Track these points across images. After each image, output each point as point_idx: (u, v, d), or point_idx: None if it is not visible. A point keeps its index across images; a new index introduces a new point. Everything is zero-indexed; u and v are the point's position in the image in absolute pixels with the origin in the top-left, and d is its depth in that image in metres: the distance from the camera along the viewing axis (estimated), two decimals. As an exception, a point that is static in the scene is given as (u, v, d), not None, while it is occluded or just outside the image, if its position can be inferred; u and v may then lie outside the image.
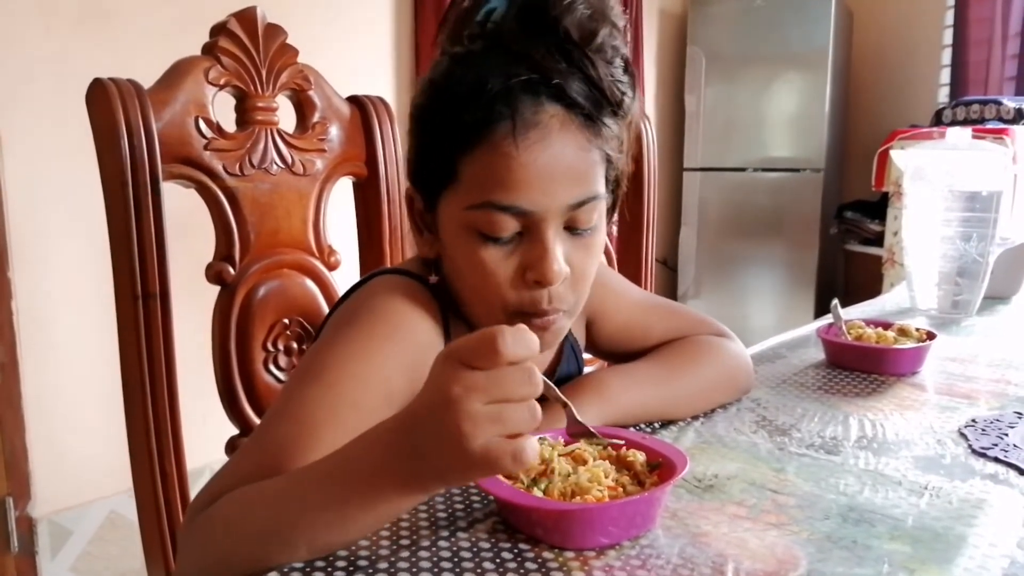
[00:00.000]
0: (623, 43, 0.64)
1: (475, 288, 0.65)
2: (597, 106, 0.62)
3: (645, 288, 1.46)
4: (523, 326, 0.45)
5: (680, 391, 0.80)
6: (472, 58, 0.62)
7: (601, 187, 0.64)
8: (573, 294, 0.66)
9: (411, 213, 0.70)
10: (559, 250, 0.62)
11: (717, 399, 0.84)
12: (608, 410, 0.74)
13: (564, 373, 0.81)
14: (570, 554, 0.53)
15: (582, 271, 0.65)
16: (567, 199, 0.62)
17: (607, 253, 1.41)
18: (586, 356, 0.89)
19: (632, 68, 0.65)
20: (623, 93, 0.64)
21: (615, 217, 0.72)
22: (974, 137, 1.41)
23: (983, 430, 0.78)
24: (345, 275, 0.98)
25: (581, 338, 0.85)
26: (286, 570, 0.51)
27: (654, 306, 0.89)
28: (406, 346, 0.64)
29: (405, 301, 0.67)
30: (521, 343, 0.44)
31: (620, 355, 0.86)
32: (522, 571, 0.51)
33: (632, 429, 0.73)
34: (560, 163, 0.61)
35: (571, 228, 0.64)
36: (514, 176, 0.60)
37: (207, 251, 0.88)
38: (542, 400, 0.46)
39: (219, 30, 0.86)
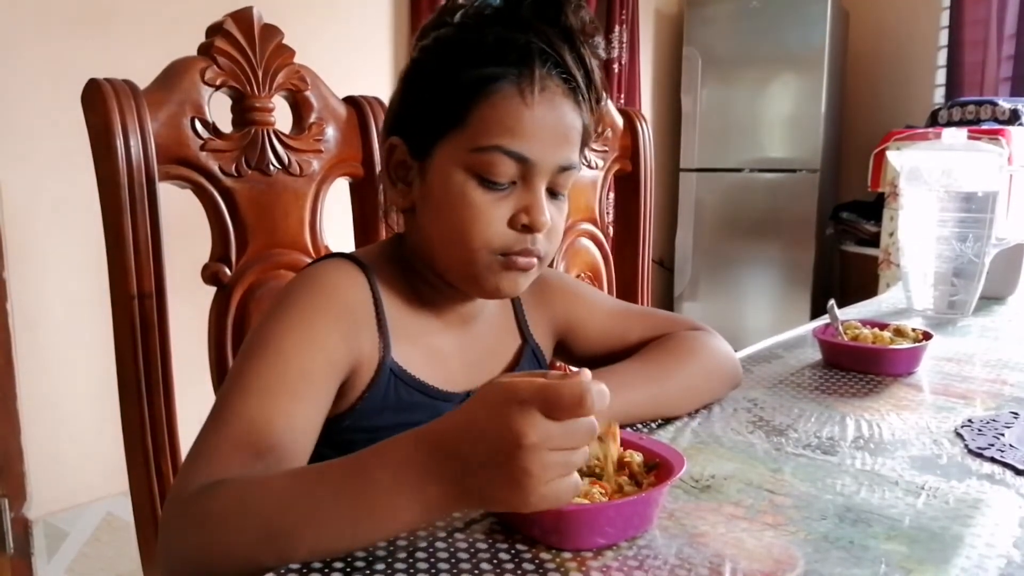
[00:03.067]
0: (602, 48, 0.73)
1: (460, 230, 0.68)
2: (588, 91, 0.70)
3: (642, 289, 1.46)
4: (603, 386, 0.46)
5: (670, 388, 0.80)
6: (491, 19, 0.69)
7: (578, 160, 0.72)
8: (547, 245, 0.71)
9: (388, 164, 0.74)
10: (546, 202, 0.69)
11: (707, 394, 0.85)
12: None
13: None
14: (567, 555, 0.53)
15: (556, 227, 0.72)
16: (558, 159, 0.69)
17: (604, 253, 1.41)
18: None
19: (603, 79, 0.74)
20: (603, 92, 0.73)
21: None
22: (970, 138, 1.41)
23: (979, 430, 0.78)
24: (342, 276, 0.97)
25: (547, 349, 0.87)
26: (283, 571, 0.50)
27: (627, 311, 0.91)
28: (340, 311, 0.68)
29: (333, 270, 0.71)
30: (602, 400, 0.46)
31: (600, 362, 0.86)
32: (519, 572, 0.51)
33: (628, 429, 0.73)
34: (561, 124, 0.68)
35: (550, 191, 0.71)
36: (524, 125, 0.66)
37: (203, 252, 0.88)
38: None
39: (215, 30, 0.86)
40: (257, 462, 0.57)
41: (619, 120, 1.40)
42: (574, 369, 0.51)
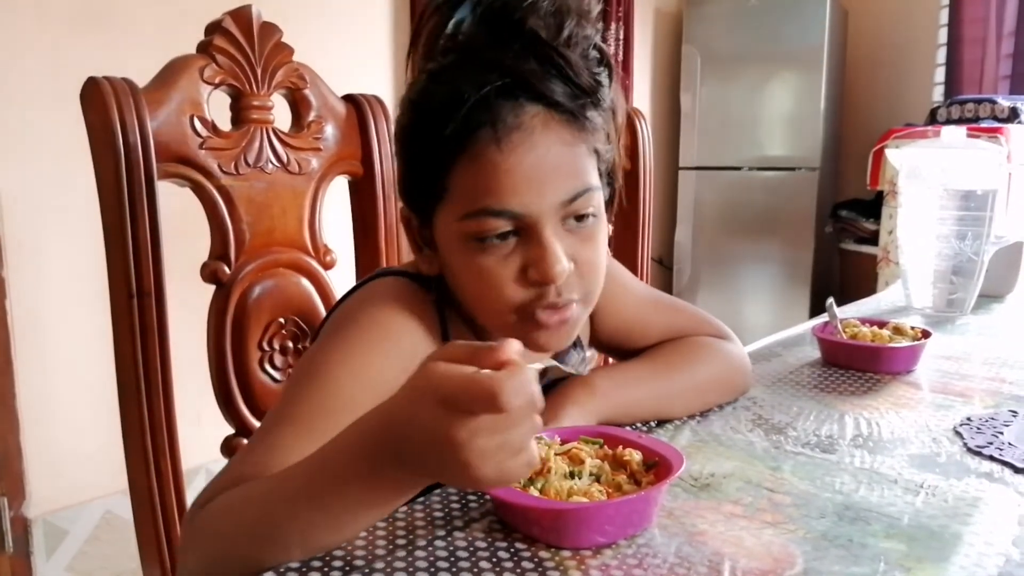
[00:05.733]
0: (594, 29, 0.64)
1: (480, 296, 0.65)
2: (576, 100, 0.62)
3: (641, 287, 1.46)
4: (523, 377, 0.43)
5: (673, 390, 0.80)
6: (446, 72, 0.62)
7: (594, 179, 0.64)
8: (583, 284, 0.65)
9: (408, 232, 0.70)
10: (559, 247, 0.62)
11: (711, 399, 0.84)
12: (600, 407, 0.74)
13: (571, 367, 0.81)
14: (567, 553, 0.53)
15: (589, 262, 0.65)
16: (559, 196, 0.62)
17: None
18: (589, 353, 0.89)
19: (608, 56, 0.65)
20: (599, 83, 0.64)
21: (615, 209, 0.72)
22: (969, 136, 1.41)
23: (978, 428, 0.78)
24: (341, 274, 0.97)
25: (585, 333, 0.84)
26: (282, 570, 0.50)
27: (657, 302, 0.88)
28: (399, 351, 0.65)
29: (399, 305, 0.67)
30: (522, 393, 0.42)
31: (619, 350, 0.86)
32: (519, 571, 0.51)
33: (628, 428, 0.73)
34: (547, 162, 0.61)
35: (570, 222, 0.64)
36: (502, 182, 0.60)
37: (202, 250, 0.88)
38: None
39: (214, 28, 0.86)
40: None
41: (618, 118, 1.40)
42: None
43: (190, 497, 0.68)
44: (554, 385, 0.79)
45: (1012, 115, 3.01)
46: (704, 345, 0.85)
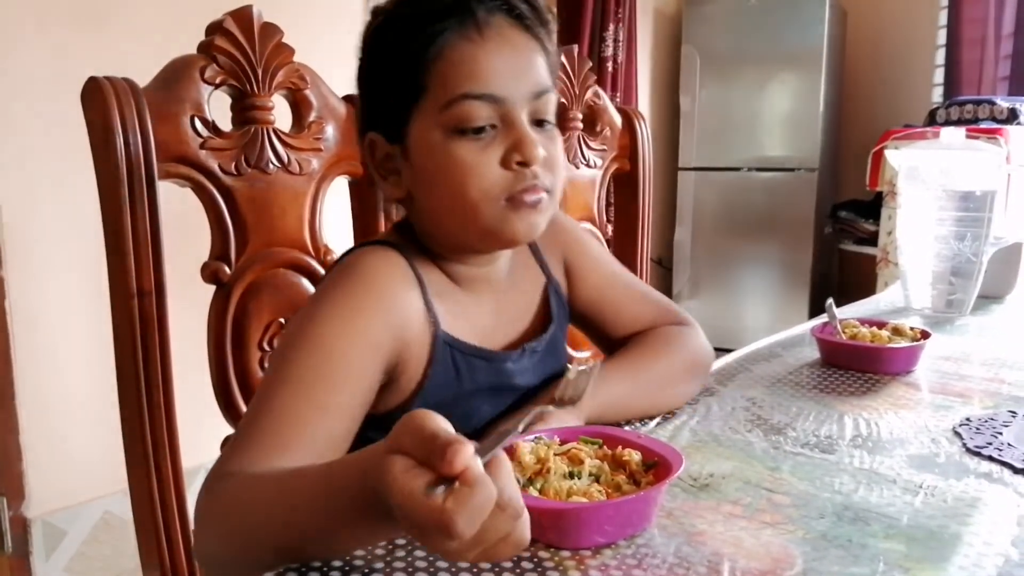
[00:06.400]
0: None
1: (457, 190, 0.67)
2: (537, 22, 0.70)
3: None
4: (474, 486, 0.39)
5: (653, 384, 0.82)
6: None
7: (551, 83, 0.70)
8: (551, 176, 0.70)
9: (373, 162, 0.74)
10: (535, 134, 0.68)
11: (691, 389, 0.87)
12: (585, 405, 0.75)
13: (560, 326, 0.84)
14: (566, 553, 0.53)
15: (554, 157, 0.70)
16: (530, 87, 0.68)
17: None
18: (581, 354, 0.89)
19: (549, 6, 0.73)
20: (549, 16, 0.72)
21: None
22: (968, 137, 1.41)
23: (977, 429, 0.78)
24: (341, 274, 0.97)
25: (563, 285, 0.87)
26: (281, 570, 0.51)
27: (629, 285, 0.92)
28: (381, 296, 0.68)
29: (376, 266, 0.71)
30: (476, 519, 0.39)
31: (591, 328, 0.90)
32: (518, 570, 0.51)
33: (627, 428, 0.73)
34: (518, 55, 0.68)
35: (534, 122, 0.69)
36: (481, 65, 0.66)
37: (203, 250, 0.88)
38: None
39: (215, 29, 0.86)
40: (287, 454, 0.58)
41: (617, 119, 1.40)
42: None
43: (190, 497, 0.69)
44: (545, 385, 0.80)
45: (1011, 116, 3.02)
46: (676, 336, 0.87)
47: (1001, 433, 0.77)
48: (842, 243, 3.81)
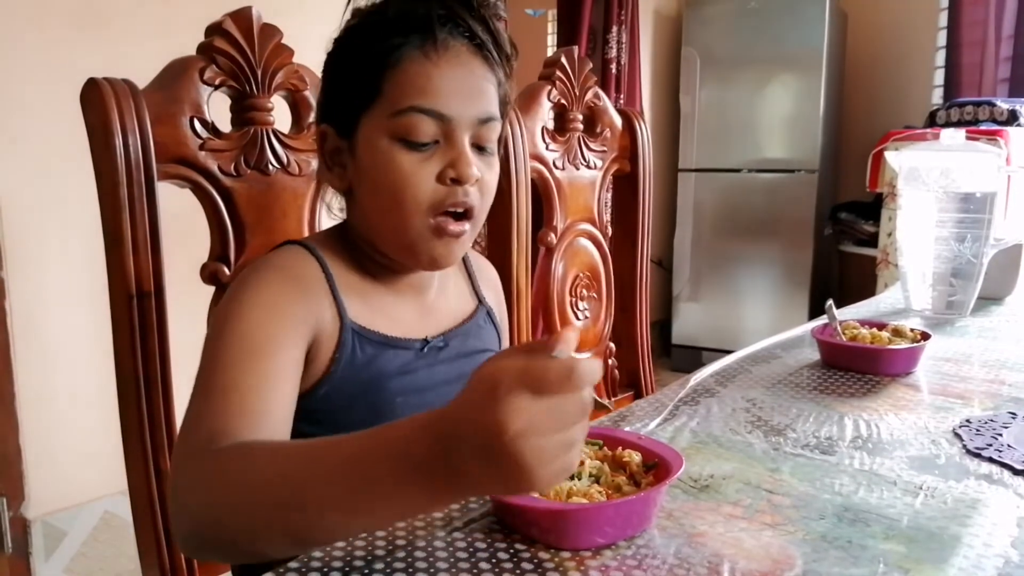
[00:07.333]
0: (503, 10, 0.76)
1: (391, 194, 0.71)
2: (495, 49, 0.73)
3: (640, 289, 1.46)
4: (594, 360, 0.44)
5: None
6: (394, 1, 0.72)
7: (498, 113, 0.74)
8: (480, 200, 0.73)
9: (322, 151, 0.77)
10: (473, 155, 0.71)
11: None
12: None
13: (485, 342, 0.85)
14: (566, 554, 0.53)
15: (487, 183, 0.74)
16: (476, 112, 0.71)
17: (602, 254, 1.41)
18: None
19: (512, 41, 0.75)
20: (511, 52, 0.75)
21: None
22: (968, 138, 1.41)
23: (977, 430, 0.78)
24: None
25: (500, 311, 0.90)
26: (281, 570, 0.50)
27: None
28: (294, 282, 0.71)
29: (282, 252, 0.75)
30: (592, 374, 0.43)
31: None
32: (518, 571, 0.51)
33: (627, 429, 0.73)
34: (471, 79, 0.71)
35: (476, 146, 0.72)
36: (433, 83, 0.69)
37: (202, 250, 0.88)
38: None
39: (214, 30, 0.86)
40: (248, 419, 0.60)
41: (618, 120, 1.40)
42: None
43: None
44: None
45: (1011, 118, 3.02)
46: None
47: (1001, 434, 0.77)
48: (842, 244, 3.80)
